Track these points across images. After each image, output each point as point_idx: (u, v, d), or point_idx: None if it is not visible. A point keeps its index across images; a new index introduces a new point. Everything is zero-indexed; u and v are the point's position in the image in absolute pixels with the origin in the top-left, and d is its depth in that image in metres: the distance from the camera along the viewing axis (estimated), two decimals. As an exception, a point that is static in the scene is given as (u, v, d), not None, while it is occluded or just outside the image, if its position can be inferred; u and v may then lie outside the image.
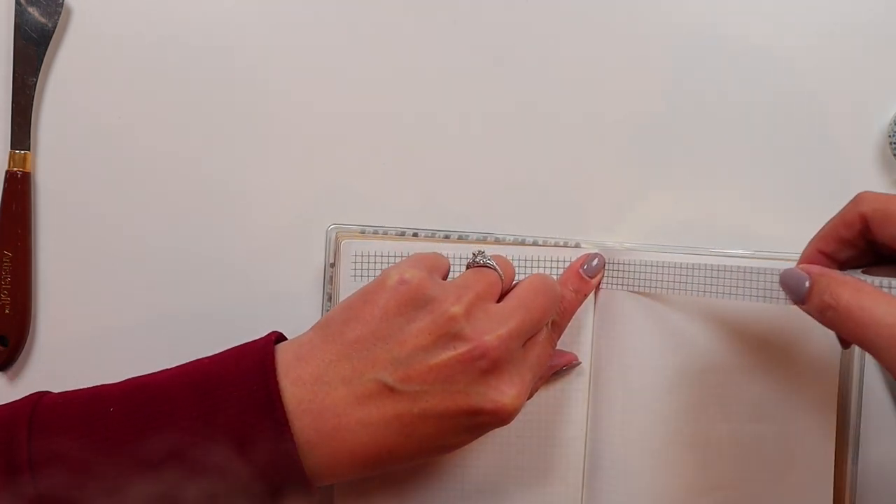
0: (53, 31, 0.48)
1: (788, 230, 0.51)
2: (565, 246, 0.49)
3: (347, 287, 0.46)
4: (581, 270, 0.46)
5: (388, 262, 0.46)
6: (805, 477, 0.48)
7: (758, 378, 0.48)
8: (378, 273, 0.44)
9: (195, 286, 0.50)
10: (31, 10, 0.48)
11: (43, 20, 0.48)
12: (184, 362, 0.39)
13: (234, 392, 0.36)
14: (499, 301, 0.40)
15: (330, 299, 0.49)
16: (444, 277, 0.42)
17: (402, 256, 0.46)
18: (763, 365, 0.48)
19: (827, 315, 0.34)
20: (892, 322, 0.31)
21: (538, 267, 0.47)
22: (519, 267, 0.47)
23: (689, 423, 0.47)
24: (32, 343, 0.49)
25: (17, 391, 0.49)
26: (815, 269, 0.35)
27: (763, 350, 0.48)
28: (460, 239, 0.49)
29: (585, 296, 0.47)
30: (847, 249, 0.37)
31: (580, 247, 0.49)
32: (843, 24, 0.51)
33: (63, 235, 0.49)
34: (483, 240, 0.49)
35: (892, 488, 0.51)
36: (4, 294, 0.48)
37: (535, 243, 0.49)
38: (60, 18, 0.48)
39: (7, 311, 0.48)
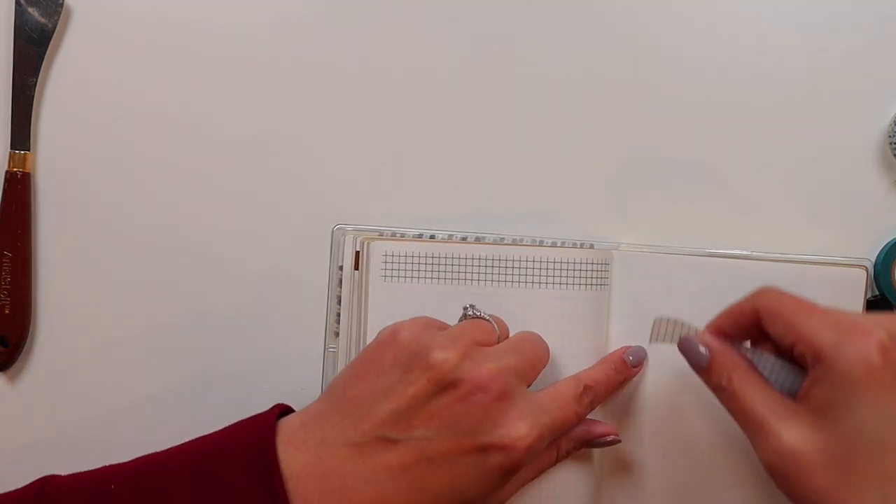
0: (53, 32, 0.48)
1: (788, 230, 0.51)
2: (579, 247, 0.49)
3: (377, 288, 0.46)
4: (625, 356, 0.47)
5: (417, 264, 0.46)
6: None
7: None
8: (408, 274, 0.45)
9: (195, 287, 0.50)
10: (31, 10, 0.48)
11: (43, 20, 0.48)
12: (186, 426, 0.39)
13: (233, 468, 0.36)
14: None
15: (339, 301, 0.48)
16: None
17: (429, 258, 0.46)
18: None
19: (719, 394, 0.38)
20: (763, 414, 0.36)
21: (553, 268, 0.47)
22: (533, 268, 0.46)
23: (705, 422, 0.48)
24: (32, 343, 0.49)
25: (18, 391, 0.49)
26: (716, 345, 0.39)
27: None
28: (478, 241, 0.49)
29: (626, 380, 0.47)
30: (743, 334, 0.39)
31: (593, 248, 0.49)
32: (844, 23, 0.51)
33: (63, 235, 0.49)
34: (500, 241, 0.49)
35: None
36: (4, 294, 0.48)
37: (547, 244, 0.49)
38: (60, 18, 0.48)
39: (7, 312, 0.48)
